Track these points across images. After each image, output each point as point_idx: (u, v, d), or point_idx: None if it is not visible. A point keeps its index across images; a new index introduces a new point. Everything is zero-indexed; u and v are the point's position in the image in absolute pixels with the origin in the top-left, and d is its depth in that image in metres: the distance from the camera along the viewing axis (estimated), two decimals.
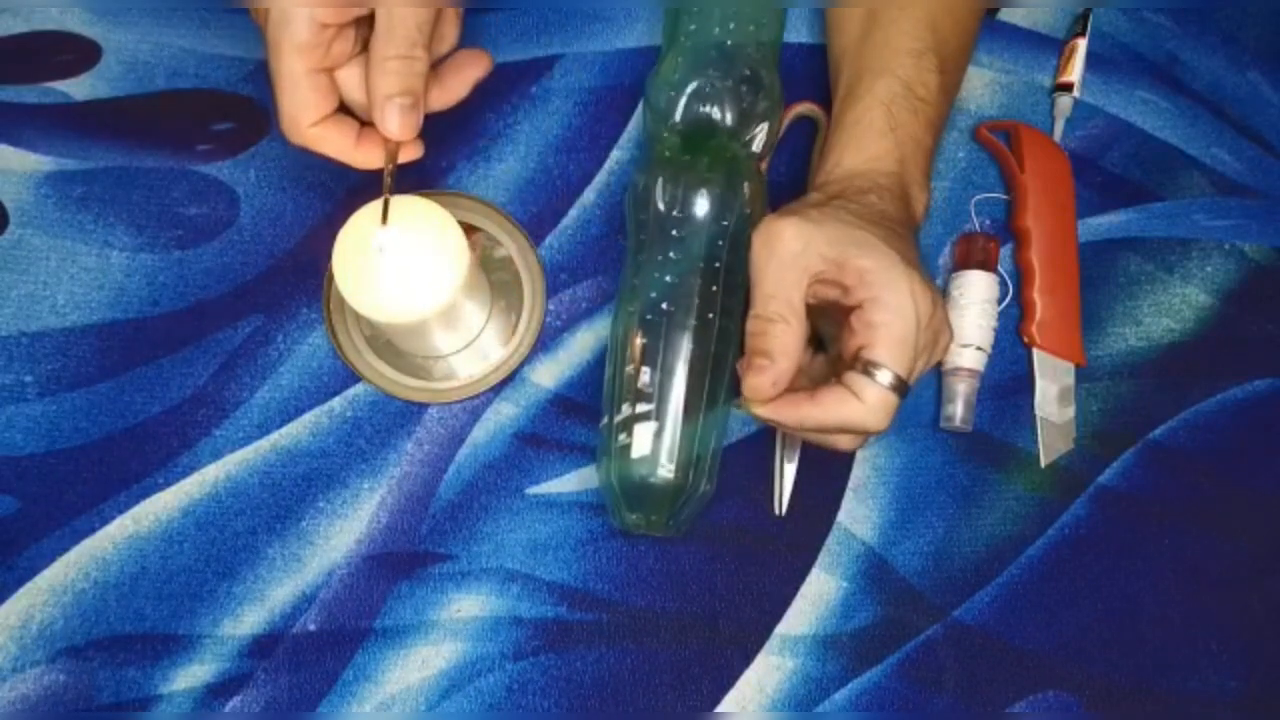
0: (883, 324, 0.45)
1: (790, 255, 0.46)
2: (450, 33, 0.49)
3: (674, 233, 0.53)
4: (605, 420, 0.53)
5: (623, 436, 0.52)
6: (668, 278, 0.52)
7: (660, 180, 0.53)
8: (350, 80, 0.48)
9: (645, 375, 0.52)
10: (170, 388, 0.57)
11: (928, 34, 0.53)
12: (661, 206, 0.53)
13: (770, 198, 0.58)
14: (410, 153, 0.50)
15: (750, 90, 0.54)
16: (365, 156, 0.49)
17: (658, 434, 0.51)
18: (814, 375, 0.52)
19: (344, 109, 0.49)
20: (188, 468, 0.55)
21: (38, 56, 0.61)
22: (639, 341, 0.52)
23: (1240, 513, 0.59)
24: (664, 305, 0.52)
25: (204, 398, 0.57)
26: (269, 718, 0.53)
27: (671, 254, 0.52)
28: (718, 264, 0.52)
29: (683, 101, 0.54)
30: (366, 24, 0.47)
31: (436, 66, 0.50)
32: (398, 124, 0.46)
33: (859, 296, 0.46)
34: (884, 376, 0.45)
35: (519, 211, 0.60)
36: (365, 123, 0.49)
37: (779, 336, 0.46)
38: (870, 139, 0.51)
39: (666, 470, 0.51)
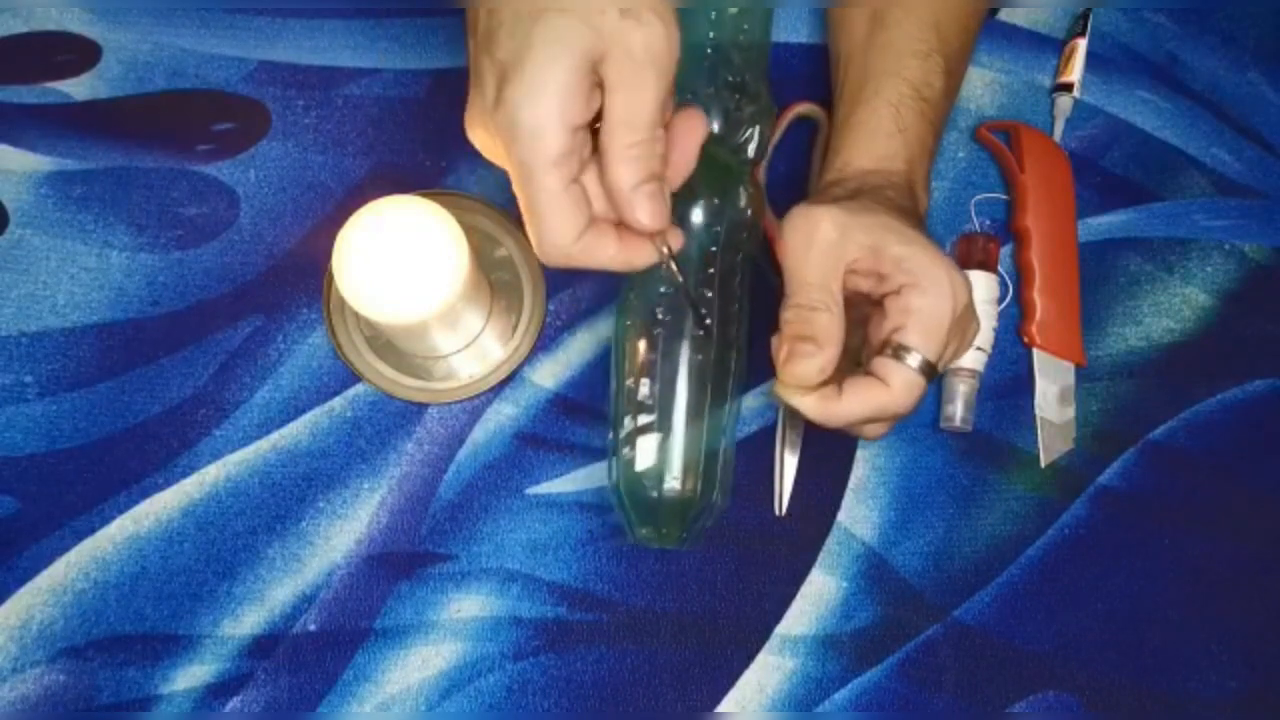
0: (919, 309, 0.45)
1: (828, 243, 0.46)
2: (670, 101, 0.42)
3: None
4: (611, 436, 0.53)
5: (627, 450, 0.52)
6: (662, 288, 0.52)
7: None
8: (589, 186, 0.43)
9: (645, 387, 0.52)
10: (170, 388, 0.57)
11: (933, 36, 0.53)
12: None
13: (770, 197, 0.58)
14: (675, 241, 0.44)
15: (736, 96, 0.54)
16: (630, 256, 0.43)
17: (661, 445, 0.51)
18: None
19: None
20: (188, 468, 0.55)
21: (38, 56, 0.61)
22: (638, 354, 0.52)
23: (1240, 513, 0.58)
24: (660, 315, 0.52)
25: (204, 398, 0.57)
26: (269, 718, 0.53)
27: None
28: (712, 270, 0.52)
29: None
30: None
31: None
32: (649, 213, 0.41)
33: (897, 282, 0.45)
34: (914, 360, 0.45)
35: (519, 211, 0.60)
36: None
37: (823, 323, 0.45)
38: (879, 140, 0.51)
39: (674, 481, 0.51)
